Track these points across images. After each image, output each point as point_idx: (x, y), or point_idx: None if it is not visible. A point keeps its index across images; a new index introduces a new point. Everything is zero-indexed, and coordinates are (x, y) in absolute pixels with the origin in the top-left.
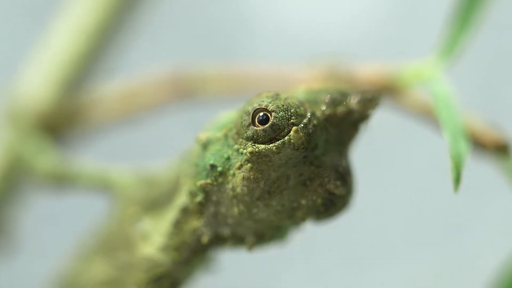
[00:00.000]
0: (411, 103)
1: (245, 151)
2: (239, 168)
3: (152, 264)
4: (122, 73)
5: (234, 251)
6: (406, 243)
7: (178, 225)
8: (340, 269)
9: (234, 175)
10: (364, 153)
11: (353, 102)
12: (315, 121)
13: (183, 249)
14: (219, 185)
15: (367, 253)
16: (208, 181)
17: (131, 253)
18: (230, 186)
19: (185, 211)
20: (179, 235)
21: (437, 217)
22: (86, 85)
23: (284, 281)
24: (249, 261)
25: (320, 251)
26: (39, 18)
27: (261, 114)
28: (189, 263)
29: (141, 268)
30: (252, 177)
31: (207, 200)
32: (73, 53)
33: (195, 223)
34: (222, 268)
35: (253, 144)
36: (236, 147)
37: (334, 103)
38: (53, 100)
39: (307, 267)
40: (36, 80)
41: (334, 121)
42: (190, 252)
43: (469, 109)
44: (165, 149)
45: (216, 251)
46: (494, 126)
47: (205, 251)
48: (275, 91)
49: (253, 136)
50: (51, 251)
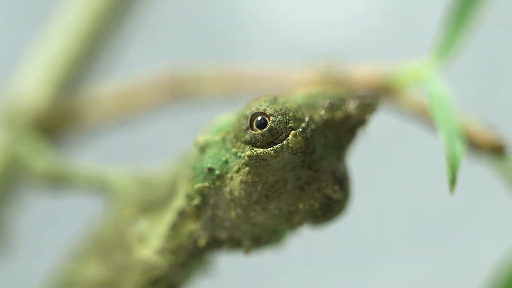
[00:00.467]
0: (407, 104)
1: (243, 154)
2: (237, 172)
3: (148, 266)
4: (118, 73)
5: (231, 254)
6: (405, 243)
7: (175, 228)
8: (338, 271)
9: (232, 178)
10: (360, 154)
11: (351, 107)
12: (313, 126)
13: (180, 252)
14: (217, 188)
15: (366, 255)
16: (206, 184)
17: (127, 255)
18: (227, 189)
19: (182, 214)
20: (176, 238)
21: (435, 217)
22: (83, 85)
23: (282, 284)
24: (246, 264)
25: (319, 253)
26: (35, 18)
27: (259, 118)
28: (186, 266)
29: (137, 270)
30: (250, 180)
31: (205, 203)
32: (69, 53)
33: (192, 226)
34: (219, 271)
35: (251, 148)
36: (234, 150)
37: (333, 107)
38: (49, 100)
39: (305, 270)
40: (33, 80)
41: (332, 126)
42: (187, 255)
43: (465, 109)
44: (163, 151)
45: (213, 254)
46: (490, 127)
47: (202, 254)
48: (273, 94)
49: (251, 140)
50: (48, 251)
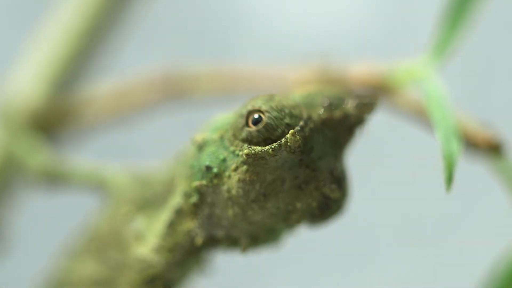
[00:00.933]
0: (403, 103)
1: (241, 153)
2: (234, 170)
3: (145, 265)
4: (114, 72)
5: (228, 252)
6: (401, 243)
7: (172, 226)
8: (333, 270)
9: (229, 177)
10: (355, 152)
11: (350, 106)
12: (311, 125)
13: (176, 250)
14: (214, 186)
15: (360, 254)
16: (203, 182)
17: (123, 253)
18: (225, 187)
19: (179, 212)
20: (173, 236)
21: (431, 216)
22: (78, 84)
23: (279, 282)
24: (243, 263)
25: (314, 252)
26: (30, 17)
27: (255, 115)
28: (182, 264)
29: (133, 268)
30: (247, 179)
31: (202, 201)
32: (65, 52)
33: (189, 224)
34: (216, 270)
35: (249, 146)
36: (232, 149)
37: (331, 107)
38: (45, 99)
39: (301, 268)
40: (28, 78)
41: (330, 125)
42: (184, 254)
43: (461, 108)
44: (160, 149)
45: (210, 252)
46: (487, 125)
47: (199, 252)
48: (271, 93)
49: (247, 137)
50: (44, 249)
